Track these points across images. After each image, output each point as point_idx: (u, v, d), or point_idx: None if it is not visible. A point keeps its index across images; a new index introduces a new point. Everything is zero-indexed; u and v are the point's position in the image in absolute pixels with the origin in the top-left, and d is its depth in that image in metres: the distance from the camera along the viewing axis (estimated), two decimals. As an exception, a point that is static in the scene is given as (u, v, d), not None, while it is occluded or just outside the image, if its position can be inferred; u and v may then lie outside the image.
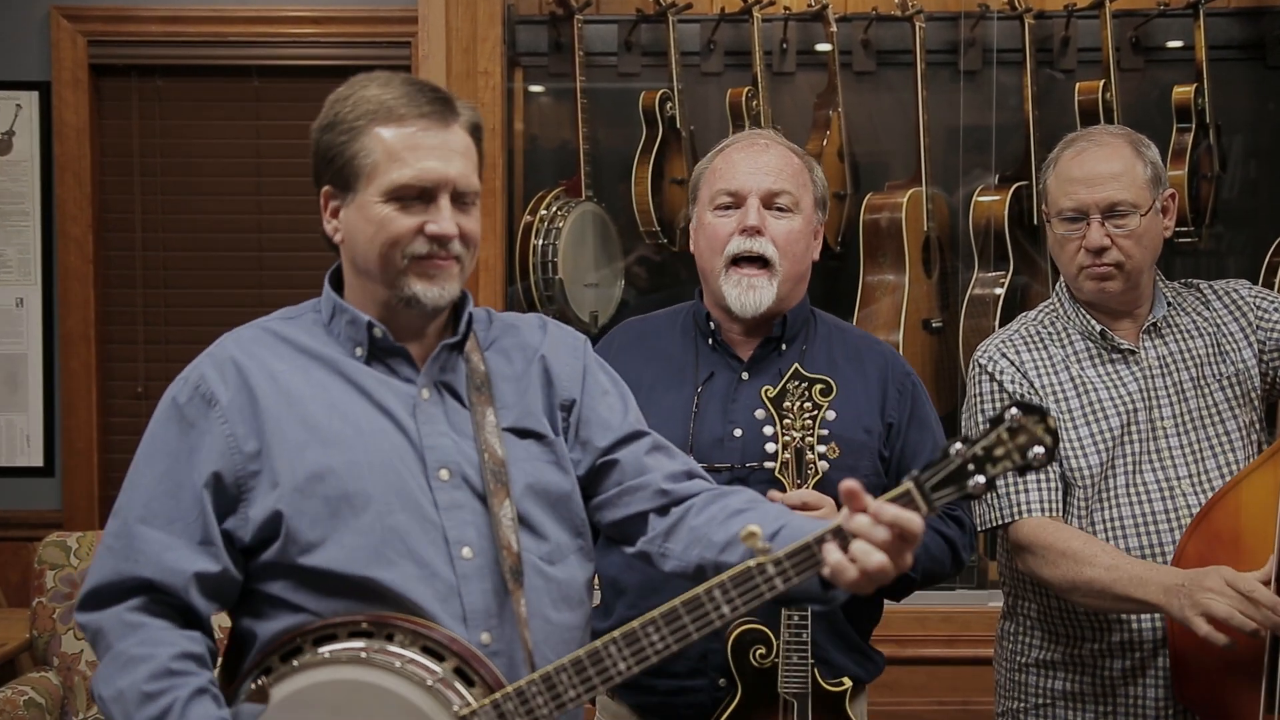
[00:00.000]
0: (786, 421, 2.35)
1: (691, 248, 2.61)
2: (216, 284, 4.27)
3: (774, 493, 2.32)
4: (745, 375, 2.53)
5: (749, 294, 2.47)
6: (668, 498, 2.02)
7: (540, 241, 4.11)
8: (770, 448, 2.36)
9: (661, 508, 2.02)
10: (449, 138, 1.91)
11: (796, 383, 2.35)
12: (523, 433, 2.00)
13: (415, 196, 1.89)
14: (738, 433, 2.48)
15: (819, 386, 2.35)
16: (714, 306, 2.55)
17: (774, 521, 1.89)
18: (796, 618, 2.34)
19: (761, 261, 2.47)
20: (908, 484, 1.71)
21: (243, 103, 4.26)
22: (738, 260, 2.48)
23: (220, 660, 1.97)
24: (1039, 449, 1.68)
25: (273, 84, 4.25)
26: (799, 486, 2.34)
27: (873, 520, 1.72)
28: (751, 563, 1.76)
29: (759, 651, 2.38)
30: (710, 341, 2.56)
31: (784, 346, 2.54)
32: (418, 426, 1.94)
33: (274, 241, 4.27)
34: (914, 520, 1.71)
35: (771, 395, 2.36)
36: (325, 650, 1.86)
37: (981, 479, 1.69)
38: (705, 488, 2.04)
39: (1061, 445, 2.56)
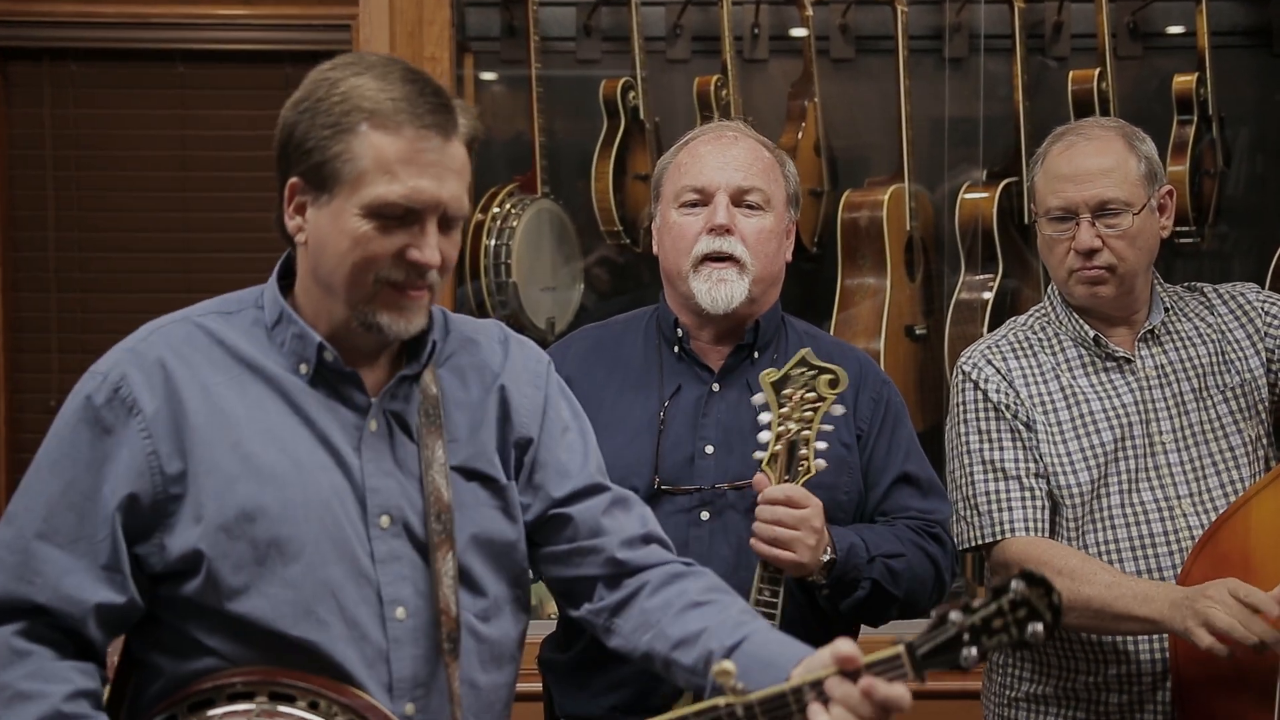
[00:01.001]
0: (784, 410, 2.32)
1: (654, 249, 2.59)
2: (137, 288, 4.23)
3: (759, 477, 2.31)
4: (716, 387, 2.52)
5: (719, 288, 2.46)
6: (621, 568, 1.99)
7: (492, 242, 4.09)
8: (764, 436, 2.33)
9: (613, 577, 2.00)
10: (447, 153, 1.83)
11: (803, 369, 2.33)
12: (471, 474, 1.96)
13: (399, 216, 1.82)
14: (709, 450, 2.47)
15: (827, 377, 2.32)
16: (681, 310, 2.54)
17: (734, 630, 1.87)
18: (767, 593, 2.32)
19: (731, 259, 2.47)
20: (899, 649, 1.72)
21: (166, 91, 4.21)
22: (706, 257, 2.47)
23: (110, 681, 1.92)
24: (1038, 626, 1.71)
25: (199, 70, 4.21)
26: (785, 483, 2.31)
27: (862, 696, 1.70)
28: (721, 701, 1.75)
29: None
30: (677, 350, 2.54)
31: (756, 355, 2.53)
32: (361, 464, 1.89)
33: (201, 242, 4.23)
34: (904, 698, 1.70)
35: (773, 379, 2.33)
36: (240, 712, 1.81)
37: (974, 651, 1.71)
38: (662, 558, 2.02)
39: (1050, 460, 2.57)
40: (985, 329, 4.09)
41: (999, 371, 2.62)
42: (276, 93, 2.01)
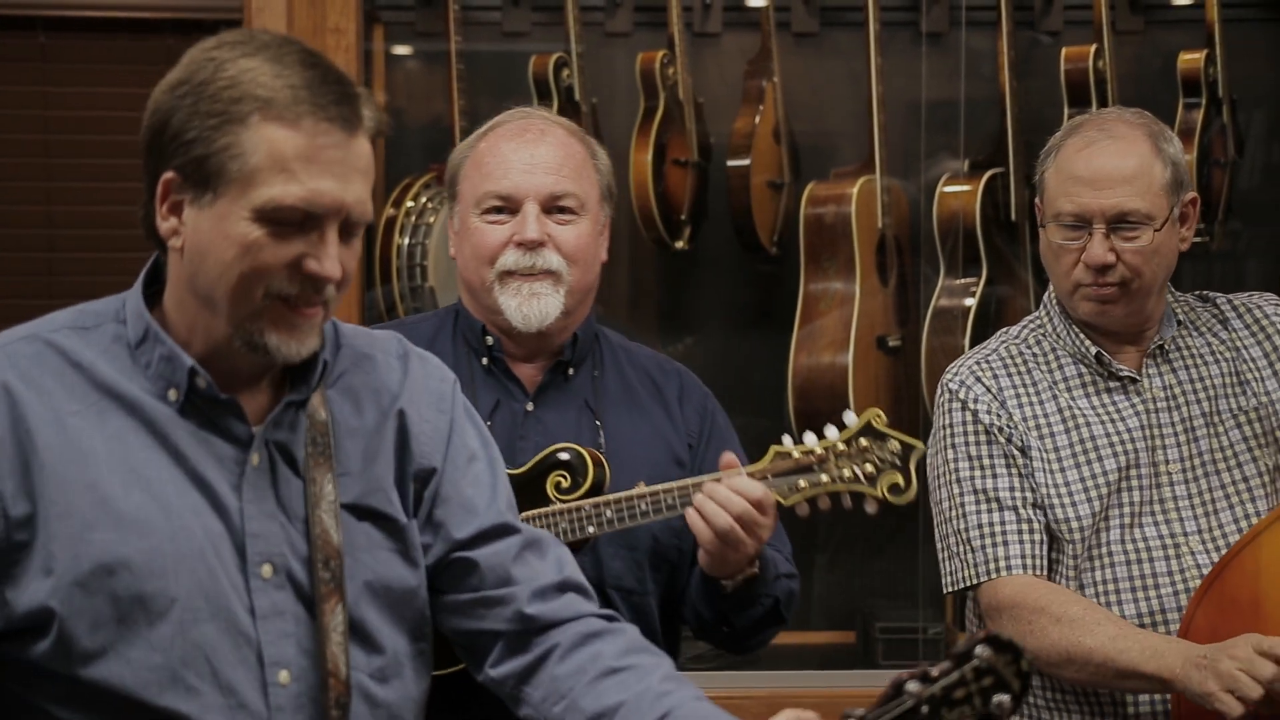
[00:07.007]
0: (843, 449, 2.48)
1: (452, 252, 2.63)
2: (-7, 293, 4.19)
3: (730, 457, 2.41)
4: (530, 407, 2.56)
5: (532, 303, 2.50)
6: (530, 624, 1.99)
7: (406, 240, 4.10)
8: (799, 442, 2.45)
9: (520, 634, 1.99)
10: (352, 150, 1.81)
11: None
12: (365, 512, 1.94)
13: (297, 222, 1.79)
14: None
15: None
16: (487, 321, 2.58)
17: (656, 703, 1.88)
18: None
19: (545, 272, 2.51)
20: None
21: (26, 64, 4.18)
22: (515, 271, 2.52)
23: None
24: (1004, 697, 1.72)
25: (65, 40, 4.17)
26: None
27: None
28: None
29: None
30: (485, 362, 2.58)
31: (571, 371, 2.59)
32: (241, 505, 1.86)
33: (68, 240, 4.21)
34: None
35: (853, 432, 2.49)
36: None
37: None
38: (576, 611, 2.01)
39: (1046, 491, 2.58)
40: (967, 341, 4.10)
41: (989, 390, 2.62)
42: (156, 68, 1.98)
